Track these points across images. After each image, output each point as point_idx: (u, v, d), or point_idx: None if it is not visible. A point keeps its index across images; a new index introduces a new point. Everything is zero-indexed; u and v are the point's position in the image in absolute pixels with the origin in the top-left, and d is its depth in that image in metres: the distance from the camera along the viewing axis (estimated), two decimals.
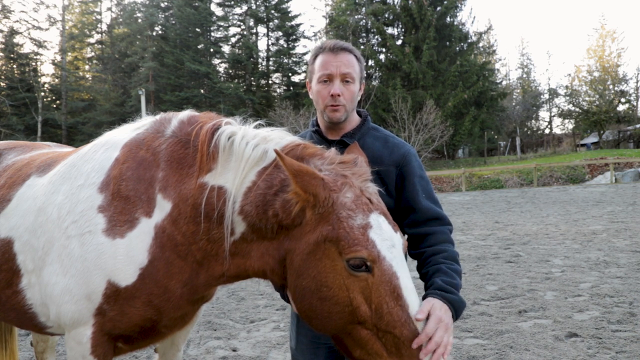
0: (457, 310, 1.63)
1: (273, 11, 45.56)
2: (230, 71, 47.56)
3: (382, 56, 41.60)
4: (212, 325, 4.81)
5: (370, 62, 40.86)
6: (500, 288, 5.74)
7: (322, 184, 1.49)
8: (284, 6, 45.52)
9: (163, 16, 44.90)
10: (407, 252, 1.87)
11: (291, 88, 45.44)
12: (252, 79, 45.25)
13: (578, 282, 5.85)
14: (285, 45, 47.10)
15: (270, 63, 47.34)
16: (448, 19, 39.96)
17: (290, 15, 45.78)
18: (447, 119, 32.87)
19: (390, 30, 41.94)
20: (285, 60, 46.60)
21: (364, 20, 43.25)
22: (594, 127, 45.05)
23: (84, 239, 1.72)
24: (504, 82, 57.31)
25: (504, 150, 52.85)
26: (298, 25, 46.53)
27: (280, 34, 46.79)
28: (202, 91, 43.10)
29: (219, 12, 45.45)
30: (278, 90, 48.02)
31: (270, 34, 47.31)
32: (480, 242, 9.08)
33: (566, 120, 53.52)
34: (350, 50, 1.97)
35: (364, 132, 2.02)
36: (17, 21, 39.84)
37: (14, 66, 40.64)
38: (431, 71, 37.09)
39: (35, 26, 40.89)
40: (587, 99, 46.36)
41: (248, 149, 1.66)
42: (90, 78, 49.29)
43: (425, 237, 1.88)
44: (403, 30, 41.48)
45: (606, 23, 70.33)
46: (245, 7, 45.13)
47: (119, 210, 1.73)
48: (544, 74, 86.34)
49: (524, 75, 61.12)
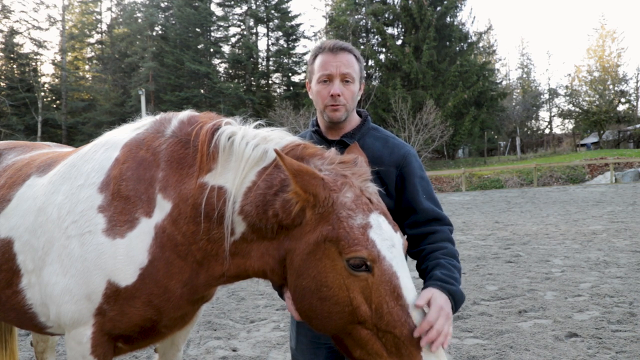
0: (457, 302, 1.62)
1: (273, 11, 45.57)
2: (230, 71, 47.57)
3: (382, 56, 41.61)
4: (212, 325, 4.81)
5: (370, 62, 40.86)
6: (500, 288, 5.74)
7: (322, 184, 1.49)
8: (284, 6, 45.53)
9: (163, 16, 44.91)
10: (407, 252, 1.87)
11: (291, 88, 45.44)
12: (252, 79, 45.25)
13: (578, 282, 5.85)
14: (285, 45, 47.11)
15: (270, 63, 47.35)
16: (448, 19, 39.96)
17: (290, 15, 45.78)
18: (447, 119, 32.87)
19: (390, 30, 41.95)
20: (285, 60, 46.60)
21: (364, 20, 43.25)
22: (594, 127, 45.05)
23: (84, 239, 1.72)
24: (504, 82, 57.34)
25: (504, 150, 52.85)
26: (298, 25, 46.56)
27: (280, 34, 46.80)
28: (202, 91, 43.10)
29: (219, 12, 45.55)
30: (278, 90, 48.05)
31: (270, 34, 47.34)
32: (480, 242, 9.08)
33: (566, 120, 53.60)
34: (349, 50, 1.97)
35: (364, 132, 2.02)
36: (17, 21, 39.88)
37: (14, 66, 40.64)
38: (431, 71, 37.09)
39: (35, 26, 40.92)
40: (587, 99, 46.38)
41: (248, 149, 1.66)
42: (90, 78, 49.29)
43: (425, 236, 1.88)
44: (403, 30, 41.49)
45: (606, 23, 70.37)
46: (245, 7, 45.14)
47: (119, 210, 1.73)
48: (544, 74, 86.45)
49: (524, 75, 61.14)
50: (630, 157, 27.27)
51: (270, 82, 47.97)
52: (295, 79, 46.51)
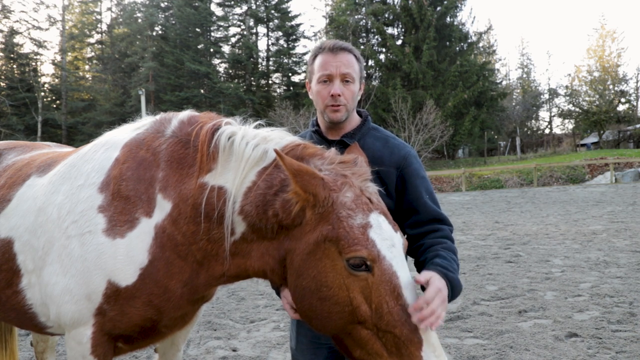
0: (454, 290, 1.62)
1: (273, 11, 45.56)
2: (230, 71, 47.56)
3: (382, 56, 41.60)
4: (212, 325, 4.81)
5: (370, 62, 40.86)
6: (500, 288, 5.74)
7: (321, 184, 1.49)
8: (284, 6, 45.52)
9: (163, 16, 44.90)
10: (407, 252, 1.87)
11: (291, 88, 45.43)
12: (252, 79, 45.25)
13: (578, 282, 5.85)
14: (285, 45, 47.10)
15: (270, 63, 47.34)
16: (448, 19, 39.96)
17: (290, 15, 45.77)
18: (447, 119, 32.86)
19: (390, 30, 41.94)
20: (285, 60, 46.59)
21: (364, 20, 43.24)
22: (594, 127, 45.04)
23: (84, 239, 1.72)
24: (504, 82, 57.32)
25: (504, 150, 52.85)
26: (298, 25, 46.54)
27: (280, 34, 46.79)
28: (202, 91, 43.10)
29: (219, 12, 45.53)
30: (278, 90, 48.04)
31: (270, 34, 47.33)
32: (480, 242, 9.08)
33: (566, 120, 53.58)
34: (349, 50, 1.96)
35: (364, 132, 2.02)
36: (17, 21, 39.86)
37: (14, 66, 40.64)
38: (431, 71, 37.09)
39: (35, 26, 40.90)
40: (587, 99, 46.37)
41: (248, 149, 1.66)
42: (90, 78, 49.29)
43: (426, 234, 1.88)
44: (403, 30, 41.48)
45: (606, 23, 70.32)
46: (245, 7, 45.13)
47: (119, 210, 1.73)
48: (544, 74, 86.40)
49: (524, 75, 61.13)
50: (630, 157, 27.27)
51: (270, 82, 47.99)
52: (295, 79, 46.55)
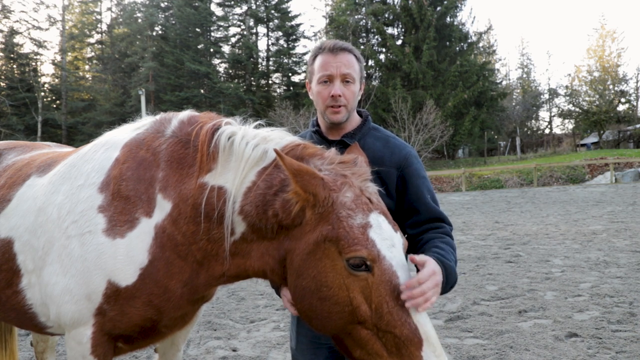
0: (449, 278, 1.62)
1: (273, 11, 45.55)
2: (230, 71, 47.55)
3: (382, 56, 41.60)
4: (212, 325, 4.81)
5: (370, 62, 40.85)
6: (500, 288, 5.74)
7: (321, 184, 1.49)
8: (284, 6, 45.52)
9: (163, 16, 44.90)
10: (407, 252, 1.87)
11: (291, 88, 45.43)
12: (252, 79, 45.24)
13: (578, 282, 5.85)
14: (285, 45, 47.10)
15: (270, 63, 47.34)
16: (448, 19, 39.96)
17: (290, 15, 45.77)
18: (447, 119, 32.86)
19: (390, 30, 41.94)
20: (285, 60, 46.59)
21: (364, 20, 43.24)
22: (594, 127, 45.04)
23: (84, 239, 1.72)
24: (504, 82, 57.32)
25: (504, 150, 52.84)
26: (298, 25, 46.54)
27: (280, 34, 46.79)
28: (202, 91, 43.10)
29: (219, 12, 45.54)
30: (278, 90, 48.04)
31: (270, 34, 47.33)
32: (480, 242, 9.08)
33: (566, 120, 53.57)
34: (349, 50, 1.96)
35: (365, 132, 2.02)
36: (17, 21, 39.86)
37: (14, 66, 40.63)
38: (431, 71, 37.09)
39: (35, 26, 40.90)
40: (587, 99, 46.36)
41: (248, 149, 1.66)
42: (90, 78, 49.29)
43: (425, 231, 1.89)
44: (403, 30, 41.48)
45: (606, 23, 70.28)
46: (245, 7, 45.13)
47: (119, 210, 1.73)
48: (544, 74, 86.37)
49: (524, 75, 61.13)
50: (630, 157, 27.27)
51: (270, 82, 47.99)
52: (295, 79, 46.55)
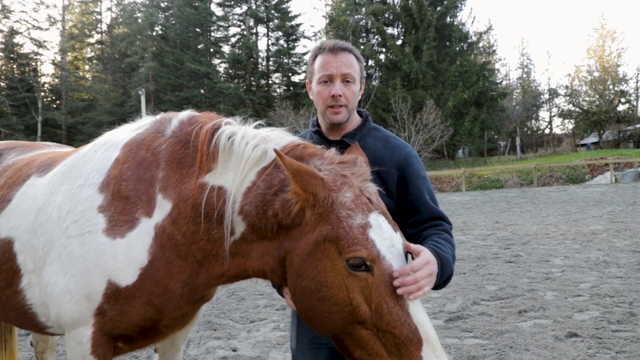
0: (444, 268, 1.61)
1: (273, 11, 45.56)
2: (230, 71, 47.56)
3: (382, 56, 41.60)
4: (212, 325, 4.81)
5: (370, 62, 40.86)
6: (500, 288, 5.74)
7: (321, 184, 1.49)
8: (284, 6, 45.52)
9: (163, 16, 44.90)
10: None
11: (291, 88, 45.44)
12: (252, 79, 45.24)
13: (578, 282, 5.85)
14: (285, 45, 47.10)
15: (270, 63, 47.34)
16: (448, 19, 39.96)
17: (290, 15, 45.78)
18: (447, 119, 32.87)
19: (390, 30, 41.94)
20: (285, 60, 46.60)
21: (364, 20, 43.24)
22: (594, 127, 45.04)
23: (84, 239, 1.72)
24: (504, 82, 57.33)
25: (504, 150, 52.84)
26: (298, 25, 46.54)
27: (280, 34, 46.79)
28: (202, 91, 43.10)
29: (219, 12, 45.55)
30: (278, 90, 48.04)
31: (270, 34, 47.33)
32: (480, 242, 9.08)
33: (566, 120, 53.58)
34: (350, 50, 1.96)
35: (365, 132, 2.02)
36: (17, 21, 39.87)
37: (14, 66, 40.64)
38: (431, 71, 37.09)
39: (35, 26, 40.90)
40: (587, 99, 46.36)
41: (248, 149, 1.66)
42: (90, 78, 49.29)
43: (425, 230, 1.89)
44: (403, 30, 41.48)
45: (606, 23, 70.30)
46: (245, 7, 45.13)
47: (119, 210, 1.73)
48: (544, 74, 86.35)
49: (524, 75, 61.12)
50: (630, 157, 27.27)
51: (270, 82, 47.99)
52: (295, 79, 46.55)
